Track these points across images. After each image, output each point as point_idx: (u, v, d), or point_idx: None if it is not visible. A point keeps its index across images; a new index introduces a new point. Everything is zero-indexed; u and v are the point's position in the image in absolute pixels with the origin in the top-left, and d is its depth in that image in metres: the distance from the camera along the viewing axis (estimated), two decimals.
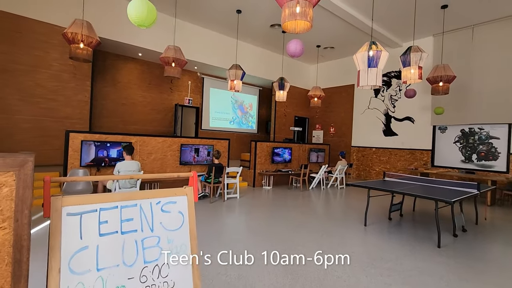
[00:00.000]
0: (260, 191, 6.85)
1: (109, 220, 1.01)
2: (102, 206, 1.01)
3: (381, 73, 4.12)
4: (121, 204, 1.05)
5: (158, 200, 1.16)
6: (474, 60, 7.38)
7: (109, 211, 1.02)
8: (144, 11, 2.27)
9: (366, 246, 3.38)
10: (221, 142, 6.75)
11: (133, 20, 2.40)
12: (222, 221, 4.21)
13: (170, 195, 1.19)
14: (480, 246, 3.51)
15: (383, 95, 9.52)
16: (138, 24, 2.46)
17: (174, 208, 1.20)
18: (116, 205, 1.04)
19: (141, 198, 1.11)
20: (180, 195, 1.22)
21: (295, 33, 3.33)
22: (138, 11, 2.26)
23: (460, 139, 7.75)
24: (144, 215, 1.10)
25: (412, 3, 6.38)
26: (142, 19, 2.34)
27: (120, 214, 1.04)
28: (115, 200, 1.04)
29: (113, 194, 1.06)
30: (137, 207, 1.09)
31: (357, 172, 10.12)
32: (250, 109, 11.89)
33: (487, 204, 6.16)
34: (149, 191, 1.17)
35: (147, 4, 2.28)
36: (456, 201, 3.11)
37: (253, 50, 9.73)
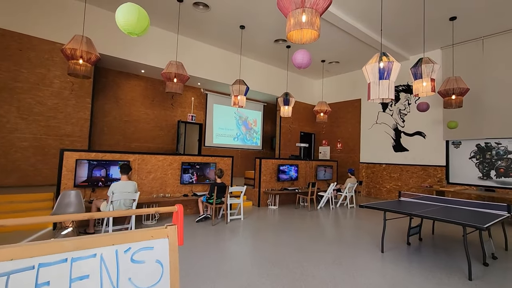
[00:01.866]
0: (266, 212, 6.47)
1: (52, 280, 0.72)
2: (43, 260, 0.72)
3: (393, 85, 3.86)
4: (73, 256, 0.76)
5: (127, 247, 0.86)
6: (485, 73, 7.11)
7: (54, 266, 0.73)
8: (134, 18, 2.07)
9: (385, 277, 2.98)
10: (224, 159, 6.47)
11: (122, 28, 2.20)
12: (223, 246, 3.85)
13: (145, 238, 0.90)
14: None
15: (391, 109, 9.23)
16: (128, 32, 2.26)
17: (150, 256, 0.89)
18: (65, 258, 0.75)
19: (103, 245, 0.82)
20: (159, 237, 0.92)
21: (301, 43, 3.11)
22: (127, 18, 2.06)
23: (476, 154, 7.34)
24: (106, 270, 0.80)
25: (419, 15, 6.22)
26: (132, 26, 2.14)
27: (70, 271, 0.75)
28: (64, 249, 0.75)
29: (61, 241, 0.77)
30: (96, 258, 0.79)
31: (367, 189, 9.67)
32: (254, 125, 11.67)
33: None
34: (115, 234, 0.88)
35: (137, 10, 2.08)
36: (489, 226, 2.73)
37: (257, 65, 9.63)
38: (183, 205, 5.91)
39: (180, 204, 1.02)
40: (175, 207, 0.99)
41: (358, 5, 5.93)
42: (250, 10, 6.28)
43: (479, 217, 3.28)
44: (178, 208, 0.99)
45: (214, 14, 6.54)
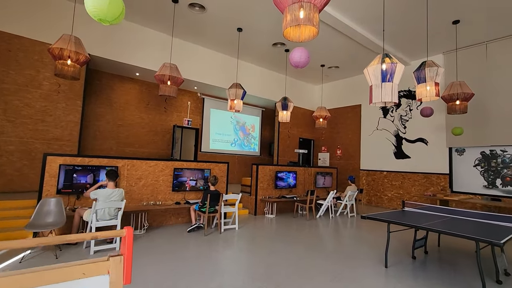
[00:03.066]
0: (262, 221, 6.18)
1: None
2: None
3: (397, 88, 3.63)
4: None
5: None
6: (489, 78, 6.92)
7: None
8: (105, 3, 1.84)
9: None
10: (219, 165, 6.21)
11: (91, 13, 1.97)
12: (215, 259, 3.56)
13: (73, 277, 0.64)
14: None
15: (392, 115, 9.02)
16: (99, 19, 2.03)
17: None
18: None
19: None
20: (96, 274, 0.66)
21: (299, 41, 2.89)
22: (96, 2, 1.84)
23: (480, 162, 7.10)
24: None
25: (421, 19, 6.05)
26: (102, 12, 1.91)
27: None
28: None
29: None
30: None
31: (368, 197, 9.39)
32: (252, 130, 11.44)
33: None
34: (21, 272, 0.61)
35: None
36: (506, 241, 2.46)
37: (254, 69, 9.45)
38: (175, 213, 5.66)
39: (130, 227, 0.77)
40: (123, 230, 0.74)
41: (359, 7, 5.76)
42: (247, 12, 6.11)
43: (491, 230, 3.02)
44: (127, 232, 0.74)
45: (210, 16, 6.37)
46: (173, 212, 5.48)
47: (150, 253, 3.68)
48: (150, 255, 3.60)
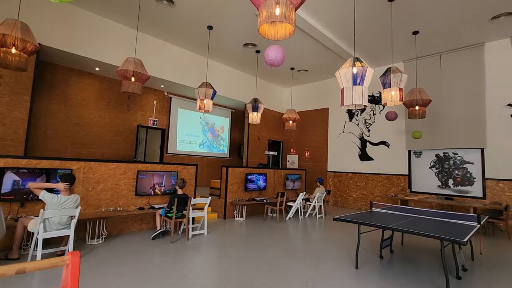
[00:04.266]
0: (232, 224, 6.01)
1: None
2: None
3: (367, 91, 3.72)
4: None
5: None
6: (443, 86, 7.49)
7: None
8: None
9: None
10: (187, 168, 5.92)
11: None
12: (182, 268, 3.32)
13: None
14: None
15: (357, 119, 9.39)
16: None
17: None
18: None
19: None
20: None
21: (275, 39, 2.80)
22: None
23: (435, 164, 7.64)
24: None
25: (385, 28, 6.35)
26: None
27: None
28: None
29: None
30: None
31: (334, 198, 9.65)
32: (221, 132, 11.21)
33: (480, 235, 5.80)
34: None
35: None
36: (468, 240, 2.58)
37: (225, 70, 9.27)
38: (138, 219, 5.26)
39: (75, 252, 0.58)
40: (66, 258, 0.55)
41: (328, 13, 5.88)
42: (218, 9, 5.93)
43: (450, 228, 3.18)
44: (71, 259, 0.55)
45: (179, 11, 6.08)
46: (136, 218, 5.09)
47: (109, 265, 3.32)
48: (108, 267, 3.25)
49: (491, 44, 6.89)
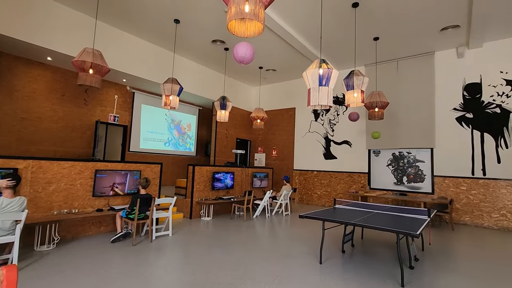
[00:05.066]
0: (198, 224, 5.89)
1: None
2: None
3: (332, 92, 3.86)
4: None
5: None
6: (399, 90, 8.06)
7: None
8: None
9: None
10: (151, 166, 5.67)
11: None
12: (145, 272, 3.17)
13: None
14: (441, 279, 3.28)
15: (322, 119, 9.74)
16: None
17: None
18: None
19: None
20: None
21: (244, 37, 2.78)
22: None
23: (392, 162, 8.20)
24: None
25: (350, 33, 6.65)
26: None
27: None
28: None
29: None
30: None
31: (300, 196, 9.92)
32: (188, 129, 10.93)
33: (430, 227, 6.34)
34: None
35: None
36: (420, 232, 2.80)
37: (192, 66, 9.03)
38: (96, 222, 4.91)
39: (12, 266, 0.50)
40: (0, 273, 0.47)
41: (297, 15, 5.99)
42: (186, 2, 5.74)
43: (405, 222, 3.43)
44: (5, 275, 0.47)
45: (144, 2, 5.78)
46: (94, 221, 4.75)
47: (60, 271, 3.06)
48: (59, 274, 2.99)
49: (440, 53, 7.56)
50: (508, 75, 6.67)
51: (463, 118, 7.15)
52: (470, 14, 5.68)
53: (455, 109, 7.28)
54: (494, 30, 6.33)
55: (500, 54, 6.78)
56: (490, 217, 6.59)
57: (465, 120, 7.13)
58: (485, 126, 6.86)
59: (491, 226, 6.56)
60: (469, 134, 7.03)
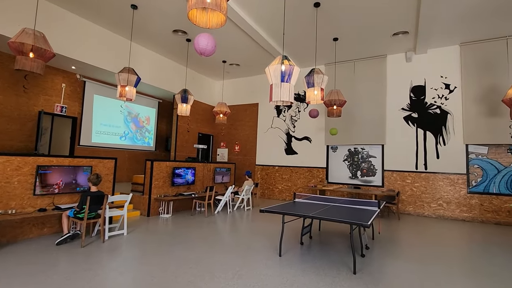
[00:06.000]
0: (157, 222, 5.65)
1: None
2: None
3: (293, 89, 3.94)
4: None
5: None
6: (356, 89, 8.54)
7: None
8: None
9: (286, 284, 2.88)
10: (104, 162, 5.28)
11: None
12: (93, 276, 2.95)
13: None
14: (389, 265, 3.56)
15: (284, 115, 9.94)
16: None
17: None
18: None
19: None
20: None
21: (206, 27, 2.68)
22: None
23: (347, 157, 8.70)
24: None
25: (311, 32, 6.84)
26: None
27: None
28: None
29: None
30: None
31: (261, 191, 10.06)
32: (147, 123, 10.39)
33: (379, 218, 6.83)
34: None
35: None
36: (371, 223, 3.01)
37: (152, 56, 8.55)
38: (38, 223, 4.44)
39: None
40: None
41: (260, 10, 5.98)
42: None
43: (358, 213, 3.66)
44: None
45: None
46: (36, 222, 4.29)
47: None
48: None
49: (391, 56, 8.16)
50: (447, 80, 7.44)
51: (410, 118, 7.83)
52: (417, 23, 6.19)
53: (403, 109, 7.93)
54: (437, 38, 7.00)
55: (441, 60, 7.52)
56: (429, 207, 7.35)
57: (411, 119, 7.81)
58: (427, 125, 7.59)
59: (430, 215, 7.32)
60: (414, 132, 7.73)
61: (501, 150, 6.80)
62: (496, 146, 6.85)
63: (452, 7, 5.63)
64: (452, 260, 3.84)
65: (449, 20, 6.12)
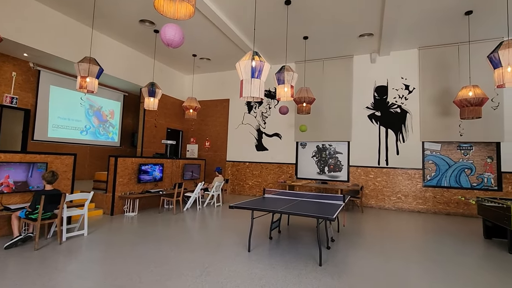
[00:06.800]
0: (121, 220, 5.40)
1: None
2: None
3: (264, 85, 3.95)
4: None
5: None
6: (324, 88, 8.80)
7: None
8: None
9: (254, 279, 2.91)
10: (62, 158, 4.91)
11: None
12: (47, 281, 2.74)
13: None
14: (353, 256, 3.74)
15: (255, 111, 9.97)
16: None
17: None
18: None
19: None
20: None
21: (174, 18, 2.58)
22: None
23: (316, 153, 8.97)
24: None
25: (282, 29, 6.90)
26: None
27: None
28: None
29: None
30: None
31: (232, 187, 10.04)
32: (111, 117, 9.84)
33: (344, 211, 7.13)
34: None
35: None
36: (336, 216, 3.13)
37: (116, 46, 8.08)
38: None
39: None
40: None
41: (231, 4, 5.90)
42: None
43: (326, 208, 3.79)
44: None
45: None
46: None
47: None
48: None
49: (358, 57, 8.52)
50: (406, 81, 7.94)
51: (373, 116, 8.25)
52: (381, 26, 6.51)
53: (367, 107, 8.33)
54: (399, 42, 7.43)
55: (402, 62, 8.01)
56: (389, 200, 7.84)
57: (374, 117, 8.24)
58: (389, 123, 8.06)
59: (390, 207, 7.82)
60: (377, 129, 8.17)
61: (452, 147, 7.44)
62: (448, 143, 7.47)
63: (412, 13, 6.00)
64: (409, 249, 4.14)
65: (409, 25, 6.52)
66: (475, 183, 7.17)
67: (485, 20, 6.17)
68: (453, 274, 3.20)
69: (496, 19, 6.13)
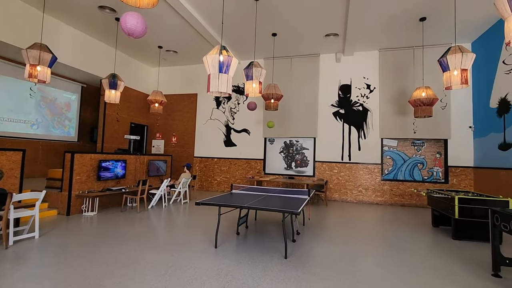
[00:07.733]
0: (78, 221, 5.06)
1: None
2: None
3: (231, 80, 3.91)
4: None
5: None
6: (292, 84, 8.98)
7: None
8: None
9: (220, 275, 2.90)
10: (8, 154, 4.45)
11: None
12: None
13: None
14: (317, 247, 3.88)
15: (224, 107, 9.88)
16: None
17: None
18: None
19: None
20: None
21: (136, 6, 2.44)
22: None
23: (283, 149, 9.15)
24: None
25: (251, 25, 6.88)
26: None
27: None
28: None
29: None
30: None
31: (200, 183, 9.89)
32: (67, 110, 9.12)
33: (310, 205, 7.39)
34: None
35: None
36: (301, 210, 3.23)
37: (73, 34, 7.47)
38: None
39: None
40: None
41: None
42: None
43: (291, 202, 3.89)
44: None
45: None
46: None
47: None
48: None
49: (324, 56, 8.80)
50: (368, 81, 8.38)
51: (338, 113, 8.61)
52: (346, 27, 6.78)
53: (332, 105, 8.66)
54: (361, 43, 7.80)
55: (364, 63, 8.43)
56: (352, 193, 8.28)
57: (339, 115, 8.60)
58: (352, 120, 8.46)
59: (352, 200, 8.26)
60: (341, 126, 8.54)
61: (407, 143, 8.04)
62: (403, 140, 8.06)
63: (373, 17, 6.32)
64: (367, 238, 4.41)
65: (371, 27, 6.87)
66: (426, 177, 7.84)
67: (436, 26, 6.71)
68: (406, 260, 3.48)
69: (446, 26, 6.70)
